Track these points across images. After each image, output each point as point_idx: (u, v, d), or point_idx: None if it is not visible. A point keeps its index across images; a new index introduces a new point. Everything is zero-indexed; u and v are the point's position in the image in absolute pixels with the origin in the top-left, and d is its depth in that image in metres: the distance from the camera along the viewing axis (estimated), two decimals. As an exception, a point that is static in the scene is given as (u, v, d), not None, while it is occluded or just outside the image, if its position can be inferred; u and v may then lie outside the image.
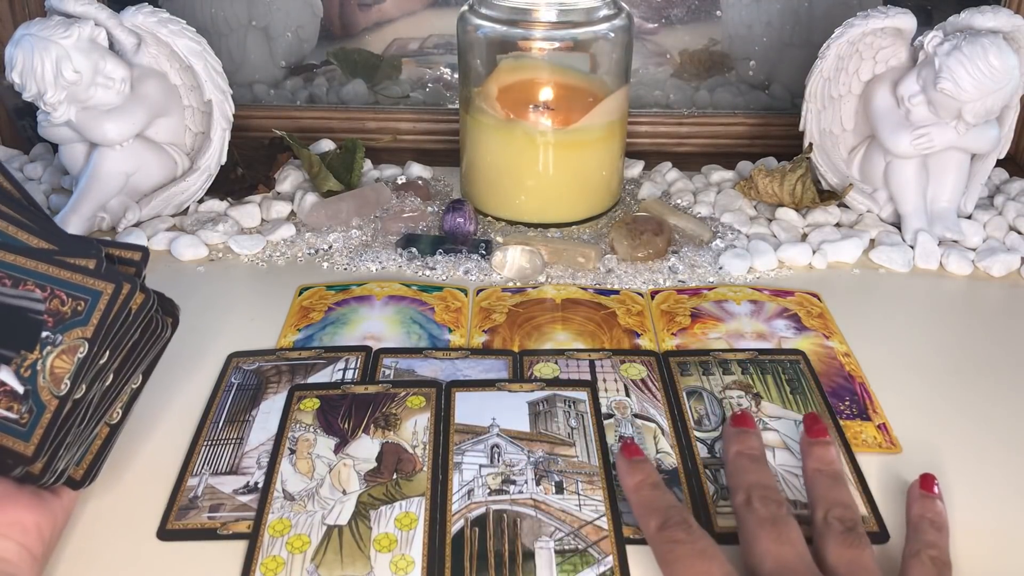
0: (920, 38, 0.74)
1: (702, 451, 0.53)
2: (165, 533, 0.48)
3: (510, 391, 0.57)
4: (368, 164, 0.88)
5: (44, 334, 0.46)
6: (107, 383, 0.48)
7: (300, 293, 0.69)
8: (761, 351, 0.62)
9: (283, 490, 0.50)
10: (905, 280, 0.73)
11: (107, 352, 0.47)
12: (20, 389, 0.45)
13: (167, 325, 0.51)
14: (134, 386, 0.51)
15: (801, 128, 0.81)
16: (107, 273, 0.47)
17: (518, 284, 0.71)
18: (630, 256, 0.73)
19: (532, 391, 0.57)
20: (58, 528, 0.47)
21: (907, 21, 0.74)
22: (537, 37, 0.73)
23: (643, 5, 0.94)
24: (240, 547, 0.47)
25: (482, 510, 0.49)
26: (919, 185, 0.76)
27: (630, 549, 0.47)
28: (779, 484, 0.51)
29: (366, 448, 0.53)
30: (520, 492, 0.50)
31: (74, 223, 0.75)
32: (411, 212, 0.79)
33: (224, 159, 0.80)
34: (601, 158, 0.77)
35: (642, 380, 0.59)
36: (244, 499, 0.50)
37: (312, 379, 0.59)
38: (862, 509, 0.49)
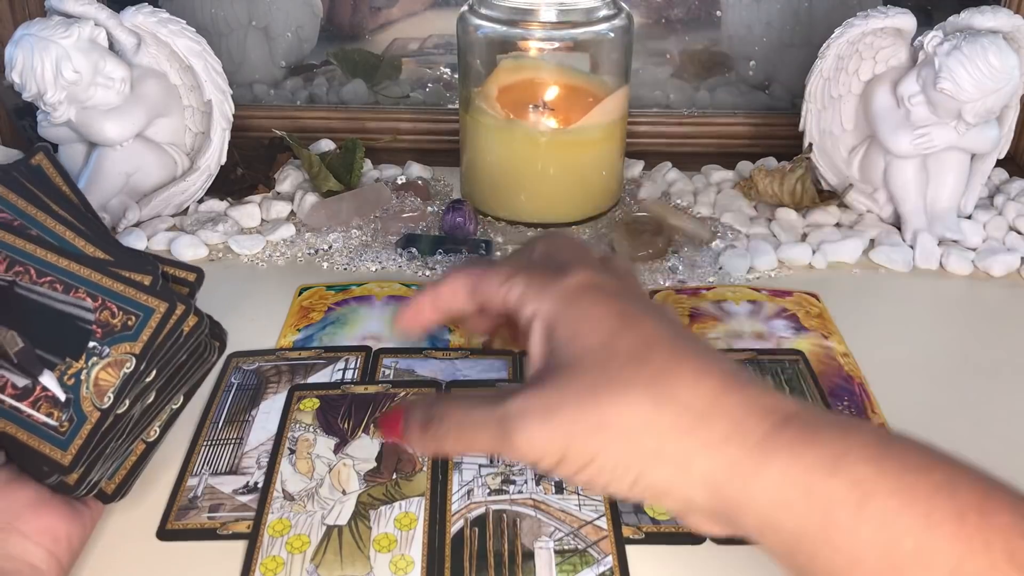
0: (920, 38, 0.73)
1: (702, 451, 0.53)
2: (165, 533, 0.48)
3: (510, 391, 0.57)
4: (368, 164, 0.88)
5: (91, 344, 0.46)
6: (149, 401, 0.48)
7: (300, 293, 0.69)
8: (760, 351, 0.62)
9: (283, 490, 0.50)
10: (905, 280, 0.73)
11: (154, 371, 0.47)
12: (62, 396, 0.45)
13: (214, 349, 0.51)
14: (175, 406, 0.51)
15: (801, 128, 0.81)
16: (162, 291, 0.47)
17: (518, 284, 0.70)
18: (630, 256, 0.73)
19: (532, 391, 0.57)
20: (85, 539, 0.47)
21: (907, 21, 0.74)
22: (537, 37, 0.73)
23: (643, 5, 0.94)
24: (240, 547, 0.47)
25: (482, 510, 0.49)
26: (919, 185, 0.76)
27: (630, 549, 0.47)
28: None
29: (366, 448, 0.53)
30: (520, 492, 0.50)
31: (74, 223, 0.75)
32: (411, 212, 0.79)
33: (224, 159, 0.80)
34: (601, 158, 0.77)
35: (642, 380, 0.59)
36: (244, 499, 0.50)
37: (312, 379, 0.59)
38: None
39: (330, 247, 0.75)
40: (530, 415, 0.34)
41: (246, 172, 0.83)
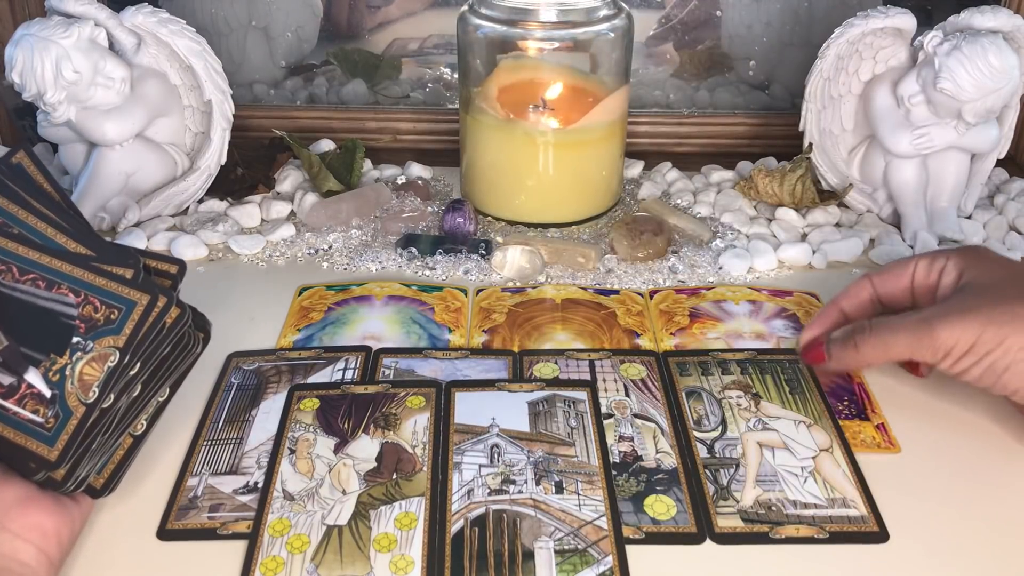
0: (920, 38, 0.73)
1: (702, 451, 0.53)
2: (165, 533, 0.48)
3: (510, 391, 0.57)
4: (368, 164, 0.88)
5: (75, 339, 0.46)
6: (135, 394, 0.48)
7: (300, 293, 0.69)
8: (760, 351, 0.62)
9: (283, 490, 0.50)
10: (905, 280, 0.72)
11: (138, 363, 0.47)
12: (47, 393, 0.45)
13: (199, 340, 0.51)
14: (161, 399, 0.51)
15: (801, 128, 0.81)
16: (144, 284, 0.47)
17: (518, 284, 0.71)
18: (630, 256, 0.73)
19: (532, 391, 0.57)
20: (75, 535, 0.47)
21: (907, 21, 0.74)
22: (537, 37, 0.73)
23: (643, 5, 0.94)
24: (240, 547, 0.47)
25: (482, 510, 0.49)
26: (919, 185, 0.76)
27: (630, 549, 0.47)
28: (779, 484, 0.51)
29: (366, 448, 0.53)
30: (520, 492, 0.50)
31: (74, 223, 0.75)
32: (411, 212, 0.79)
33: (224, 159, 0.80)
34: (601, 158, 0.77)
35: (642, 380, 0.59)
36: (244, 499, 0.50)
37: (312, 379, 0.59)
38: (862, 509, 0.49)
39: (330, 247, 0.75)
40: (952, 312, 0.50)
41: (246, 172, 0.84)
